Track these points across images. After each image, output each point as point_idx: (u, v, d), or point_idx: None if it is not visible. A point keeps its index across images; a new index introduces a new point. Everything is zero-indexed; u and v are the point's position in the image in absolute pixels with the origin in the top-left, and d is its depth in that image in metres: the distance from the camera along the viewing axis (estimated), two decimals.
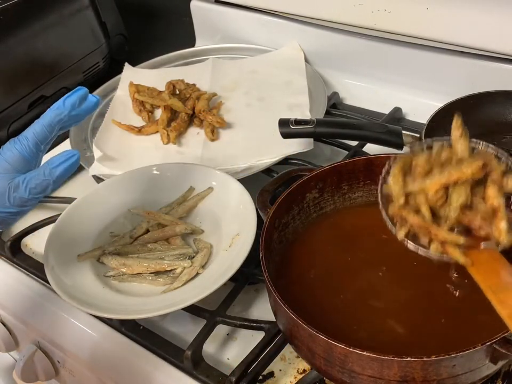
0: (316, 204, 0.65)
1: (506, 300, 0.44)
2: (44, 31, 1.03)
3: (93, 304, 0.65)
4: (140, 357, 0.66)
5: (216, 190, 0.78)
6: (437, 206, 0.50)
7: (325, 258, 0.62)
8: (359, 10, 0.93)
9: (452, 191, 0.49)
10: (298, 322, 0.49)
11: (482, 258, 0.49)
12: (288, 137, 0.80)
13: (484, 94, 0.81)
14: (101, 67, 1.16)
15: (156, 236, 0.74)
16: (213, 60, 1.10)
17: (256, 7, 1.09)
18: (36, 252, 0.82)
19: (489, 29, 0.83)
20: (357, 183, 0.66)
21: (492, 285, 0.46)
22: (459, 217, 0.49)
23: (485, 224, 0.48)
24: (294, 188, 0.63)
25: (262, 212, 0.64)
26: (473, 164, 0.49)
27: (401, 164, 0.53)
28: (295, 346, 0.56)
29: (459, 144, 0.51)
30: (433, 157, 0.51)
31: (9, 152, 0.56)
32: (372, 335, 0.53)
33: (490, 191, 0.49)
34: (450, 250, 0.49)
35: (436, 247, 0.50)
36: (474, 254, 0.49)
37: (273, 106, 0.96)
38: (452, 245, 0.49)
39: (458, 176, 0.49)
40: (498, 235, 0.48)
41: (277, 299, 0.51)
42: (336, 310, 0.56)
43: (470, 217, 0.49)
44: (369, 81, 1.01)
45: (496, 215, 0.48)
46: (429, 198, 0.50)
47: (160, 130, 0.93)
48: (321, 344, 0.49)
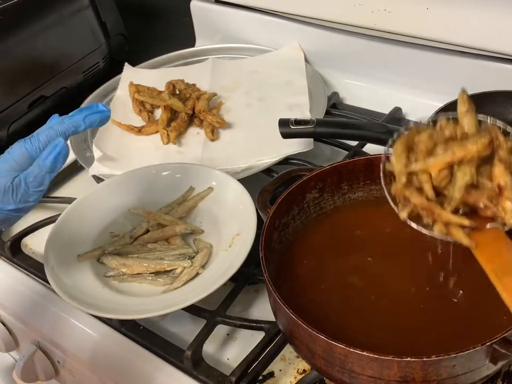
0: (316, 204, 0.65)
1: (511, 285, 0.43)
2: (44, 31, 1.03)
3: (93, 304, 0.65)
4: (140, 357, 0.66)
5: (216, 190, 0.78)
6: (441, 185, 0.48)
7: (325, 259, 0.62)
8: (359, 10, 0.93)
9: (457, 170, 0.47)
10: (298, 322, 0.49)
11: (487, 239, 0.47)
12: (288, 137, 0.80)
13: (484, 94, 0.81)
14: (101, 67, 1.16)
15: (155, 236, 0.74)
16: (213, 60, 1.10)
17: (256, 7, 1.09)
18: (35, 252, 0.82)
19: (489, 29, 0.83)
20: (357, 183, 0.66)
21: (497, 268, 0.44)
22: (464, 197, 0.47)
23: (491, 204, 0.46)
24: (294, 188, 0.63)
25: (262, 212, 0.64)
26: (479, 141, 0.46)
27: (404, 141, 0.50)
28: (295, 346, 0.56)
29: (465, 119, 0.49)
30: (437, 133, 0.49)
31: (18, 151, 0.57)
32: (372, 335, 0.53)
33: (497, 170, 0.47)
34: (454, 232, 0.47)
35: (440, 228, 0.48)
36: (479, 235, 0.47)
37: (273, 106, 0.96)
38: (455, 226, 0.47)
39: (463, 154, 0.46)
40: (504, 215, 0.46)
41: (277, 299, 0.51)
42: (336, 310, 0.56)
43: (476, 197, 0.47)
44: (369, 81, 1.01)
45: (503, 194, 0.46)
46: (432, 177, 0.48)
47: (160, 130, 0.93)
48: (321, 345, 0.49)
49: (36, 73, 1.04)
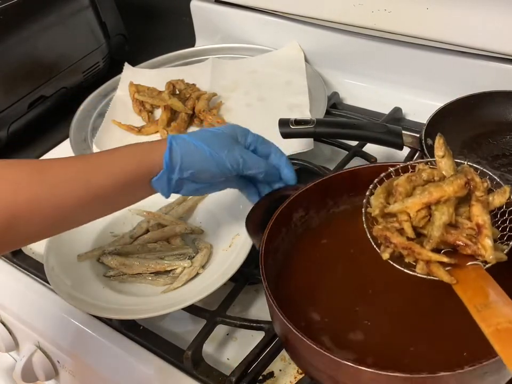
0: (302, 223, 0.64)
1: (489, 318, 0.44)
2: (44, 31, 1.03)
3: (93, 304, 0.65)
4: (140, 357, 0.66)
5: None
6: (420, 225, 0.50)
7: (316, 275, 0.60)
8: (359, 10, 0.94)
9: (435, 210, 0.49)
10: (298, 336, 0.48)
11: (468, 276, 0.48)
12: (288, 137, 0.80)
13: (484, 94, 0.81)
14: (101, 67, 1.16)
15: (155, 236, 0.74)
16: (213, 60, 1.10)
17: (256, 7, 1.09)
18: (35, 252, 0.82)
19: (489, 29, 0.83)
20: (340, 196, 0.65)
21: (477, 304, 0.45)
22: (444, 237, 0.49)
23: (470, 243, 0.48)
24: (281, 210, 0.61)
25: (254, 239, 0.61)
26: (455, 182, 0.49)
27: (384, 186, 0.53)
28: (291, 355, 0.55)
29: (442, 163, 0.51)
30: (416, 176, 0.51)
31: (239, 128, 0.69)
32: (368, 348, 0.52)
33: (475, 209, 0.49)
34: (434, 270, 0.48)
35: (421, 267, 0.49)
36: (460, 273, 0.48)
37: (273, 106, 0.96)
38: (436, 265, 0.48)
39: (440, 194, 0.48)
40: (484, 253, 0.47)
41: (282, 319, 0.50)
42: (333, 322, 0.55)
43: (455, 236, 0.49)
44: (369, 81, 1.01)
45: (482, 232, 0.48)
46: (411, 218, 0.49)
47: (160, 130, 0.93)
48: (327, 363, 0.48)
49: (36, 73, 1.04)
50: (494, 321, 0.43)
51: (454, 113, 0.80)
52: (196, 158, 0.61)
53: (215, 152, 0.61)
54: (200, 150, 0.61)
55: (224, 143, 0.63)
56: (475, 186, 0.49)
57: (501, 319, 0.43)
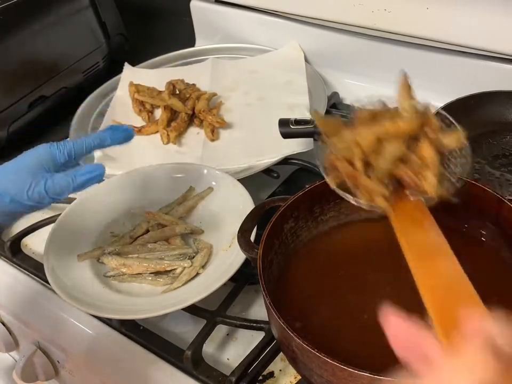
0: (292, 233, 0.63)
1: (421, 255, 0.44)
2: (44, 31, 1.03)
3: (93, 304, 0.65)
4: (140, 357, 0.66)
5: (216, 190, 0.78)
6: (371, 159, 0.49)
7: (311, 285, 0.60)
8: (359, 10, 0.93)
9: (386, 144, 0.49)
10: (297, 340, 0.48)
11: (407, 210, 0.48)
12: (288, 137, 0.80)
13: (484, 94, 0.81)
14: (101, 67, 1.16)
15: (155, 236, 0.74)
16: (213, 60, 1.10)
17: (256, 7, 1.09)
18: (35, 252, 0.82)
19: (489, 29, 0.83)
20: (327, 203, 0.64)
21: (411, 242, 0.45)
22: (392, 170, 0.49)
23: (415, 177, 0.48)
24: (274, 221, 0.60)
25: (248, 253, 0.60)
26: (409, 118, 0.49)
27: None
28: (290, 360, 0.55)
29: (405, 103, 0.51)
30: (379, 113, 0.51)
31: (44, 150, 0.60)
32: (364, 351, 0.52)
33: (424, 145, 0.49)
34: (376, 199, 0.49)
35: (365, 196, 0.49)
36: (400, 206, 0.48)
37: (273, 106, 0.96)
38: (378, 195, 0.49)
39: (394, 129, 0.48)
40: (427, 188, 0.48)
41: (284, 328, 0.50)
42: (332, 333, 0.55)
43: (403, 170, 0.49)
44: (369, 81, 1.01)
45: (428, 168, 0.48)
46: (363, 150, 0.49)
47: (160, 131, 0.93)
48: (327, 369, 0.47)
49: (36, 73, 1.03)
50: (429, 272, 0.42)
51: (454, 113, 0.80)
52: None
53: (17, 197, 0.58)
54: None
55: (27, 179, 0.58)
56: (429, 125, 0.49)
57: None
